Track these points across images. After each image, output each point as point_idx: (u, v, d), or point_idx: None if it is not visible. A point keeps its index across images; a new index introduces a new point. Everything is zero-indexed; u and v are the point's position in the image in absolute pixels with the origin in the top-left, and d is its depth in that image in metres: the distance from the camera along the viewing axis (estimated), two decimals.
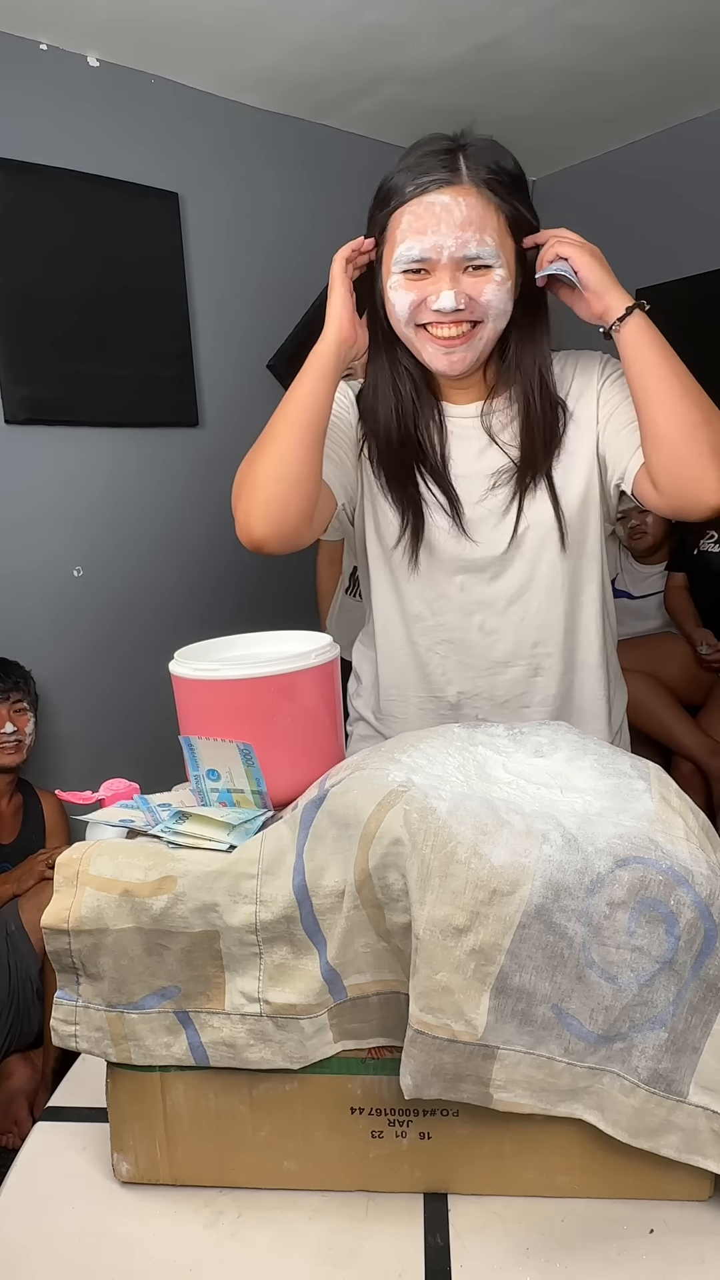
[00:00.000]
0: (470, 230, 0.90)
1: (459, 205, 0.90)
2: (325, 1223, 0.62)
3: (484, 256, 0.91)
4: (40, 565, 2.41)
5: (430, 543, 1.06)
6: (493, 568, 1.06)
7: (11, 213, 2.22)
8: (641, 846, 0.57)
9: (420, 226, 0.91)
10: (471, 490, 1.04)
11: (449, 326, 0.94)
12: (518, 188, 0.94)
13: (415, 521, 1.04)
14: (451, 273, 0.92)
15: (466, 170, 0.91)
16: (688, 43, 2.39)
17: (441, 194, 0.90)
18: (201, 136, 2.56)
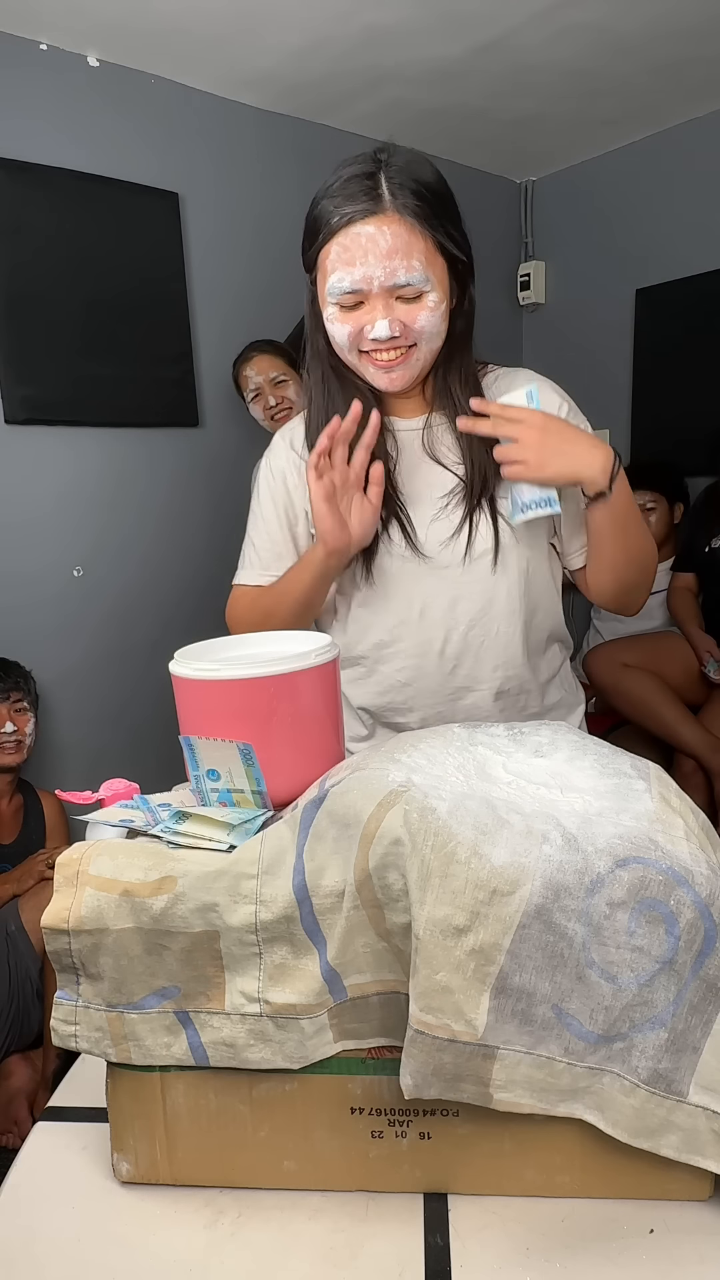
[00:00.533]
0: (397, 258, 0.91)
1: (384, 235, 0.91)
2: (325, 1223, 0.62)
3: (414, 283, 0.92)
4: (40, 565, 2.41)
5: (382, 565, 1.06)
6: (449, 591, 1.06)
7: (11, 213, 2.22)
8: (641, 846, 0.57)
9: (349, 258, 0.92)
10: (423, 510, 1.05)
11: (386, 352, 0.97)
12: (443, 207, 0.94)
13: None
14: (385, 301, 0.94)
15: (389, 196, 0.91)
16: (688, 43, 2.39)
17: (366, 224, 0.91)
18: (201, 136, 2.56)
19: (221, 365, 2.68)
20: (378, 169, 0.92)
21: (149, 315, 2.49)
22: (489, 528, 1.04)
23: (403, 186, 0.91)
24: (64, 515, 2.44)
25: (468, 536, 1.04)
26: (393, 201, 0.91)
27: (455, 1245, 0.59)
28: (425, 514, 1.05)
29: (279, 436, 1.16)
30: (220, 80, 2.51)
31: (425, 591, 1.06)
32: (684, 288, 3.02)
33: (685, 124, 2.94)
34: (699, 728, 2.39)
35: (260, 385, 2.33)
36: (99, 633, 2.53)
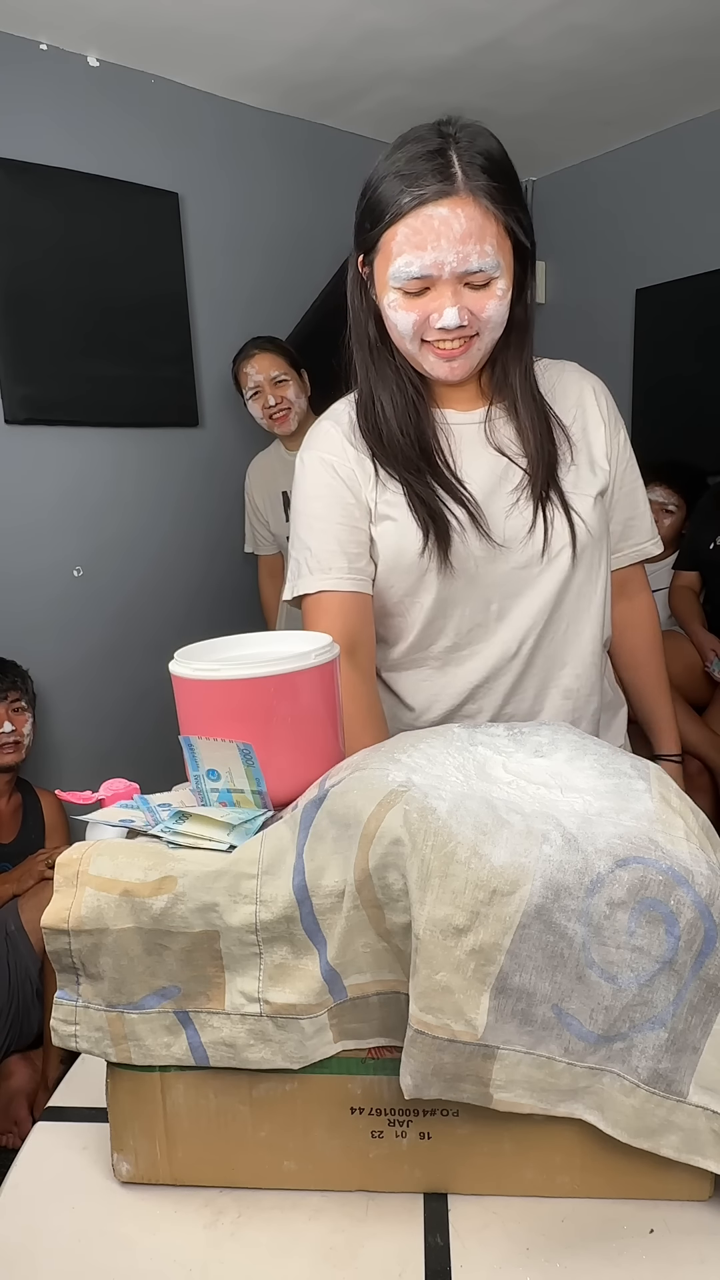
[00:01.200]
0: (471, 243, 0.86)
1: (458, 218, 0.85)
2: (325, 1223, 0.62)
3: (486, 269, 0.88)
4: (40, 565, 2.41)
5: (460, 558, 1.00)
6: (527, 589, 1.02)
7: (11, 213, 2.22)
8: (641, 846, 0.57)
9: (419, 241, 0.87)
10: (496, 503, 1.00)
11: (450, 341, 0.92)
12: (513, 187, 0.90)
13: (439, 530, 0.98)
14: (453, 287, 0.89)
15: (462, 175, 0.86)
16: (688, 43, 2.39)
17: (439, 206, 0.85)
18: (201, 136, 2.56)
19: (221, 365, 2.69)
20: (447, 144, 0.86)
21: (149, 315, 2.49)
22: (564, 522, 1.00)
23: (473, 164, 0.86)
24: (64, 515, 2.44)
25: (544, 530, 1.00)
26: (466, 181, 0.85)
27: (455, 1245, 0.59)
28: (499, 507, 1.00)
29: (326, 423, 1.06)
30: (220, 80, 2.51)
31: (503, 588, 1.02)
32: (684, 288, 3.02)
33: (685, 124, 2.94)
34: (703, 727, 2.39)
35: (260, 384, 2.32)
36: (99, 633, 2.54)
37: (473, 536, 0.99)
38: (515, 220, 0.90)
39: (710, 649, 2.51)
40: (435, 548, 0.99)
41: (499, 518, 1.00)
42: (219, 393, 2.70)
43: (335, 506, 1.02)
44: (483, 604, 1.03)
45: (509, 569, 1.01)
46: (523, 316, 0.97)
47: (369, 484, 1.02)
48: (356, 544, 1.02)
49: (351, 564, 1.02)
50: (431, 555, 0.99)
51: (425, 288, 0.90)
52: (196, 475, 2.68)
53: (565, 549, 1.01)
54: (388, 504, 1.01)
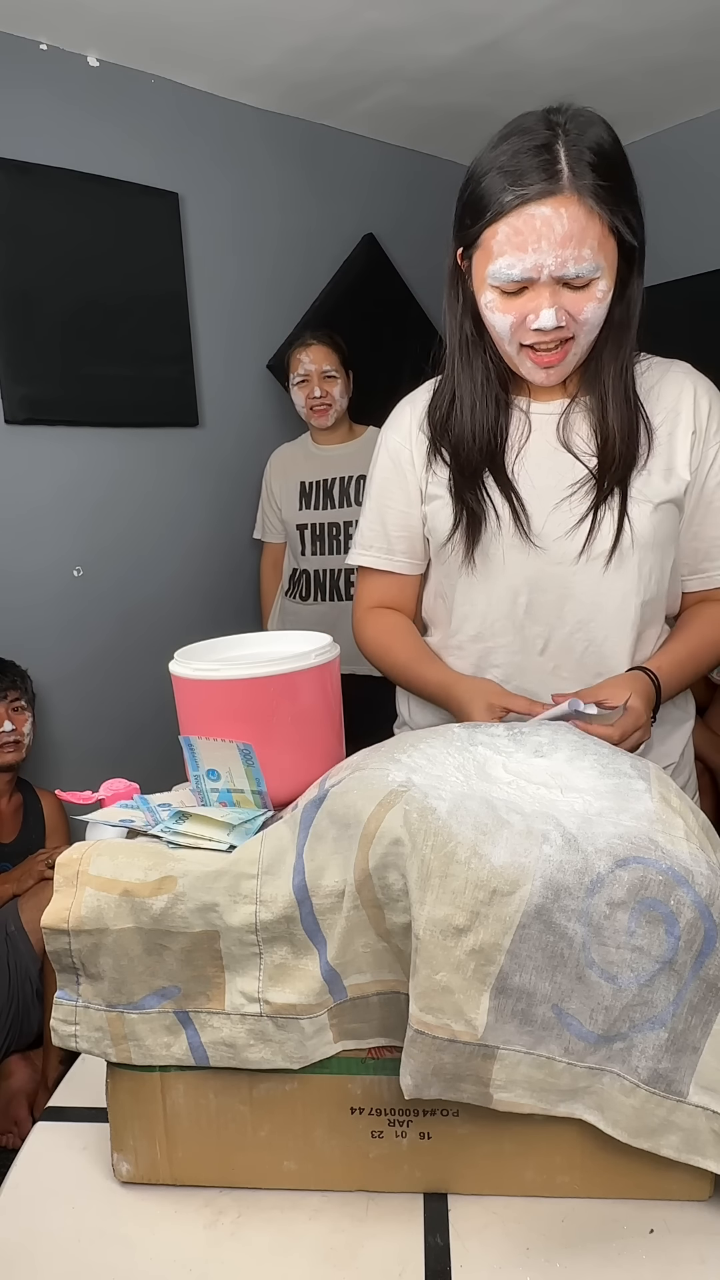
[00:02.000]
0: (570, 247, 0.84)
1: (560, 218, 0.83)
2: (325, 1223, 0.62)
3: (584, 274, 0.85)
4: (40, 565, 2.41)
5: (487, 550, 1.01)
6: (559, 588, 1.00)
7: (11, 213, 2.22)
8: (641, 846, 0.57)
9: (520, 242, 0.85)
10: (545, 498, 0.99)
11: (548, 345, 0.91)
12: (624, 184, 0.86)
13: (470, 522, 1.00)
14: (552, 289, 0.87)
15: (569, 173, 0.82)
16: (688, 43, 2.39)
17: (542, 205, 0.83)
18: (201, 136, 2.56)
19: (222, 365, 2.69)
20: (554, 138, 0.83)
21: (149, 315, 2.49)
22: (613, 525, 0.97)
23: (581, 160, 0.82)
24: (64, 515, 2.44)
25: (589, 530, 0.97)
26: (572, 180, 0.82)
27: (455, 1245, 0.59)
28: (547, 502, 0.99)
29: (405, 407, 1.09)
30: (220, 80, 2.51)
31: (532, 584, 1.01)
32: (684, 288, 3.02)
33: (684, 124, 2.94)
34: (703, 728, 2.39)
35: (310, 373, 2.34)
36: (99, 633, 2.54)
37: (509, 530, 1.00)
38: (623, 219, 0.86)
39: None
40: (463, 537, 1.01)
41: (544, 513, 0.99)
42: (219, 393, 2.70)
43: (388, 489, 1.09)
44: (510, 596, 1.02)
45: (543, 565, 1.00)
46: (624, 315, 0.94)
47: (422, 465, 1.06)
48: (402, 526, 1.09)
49: (391, 546, 1.10)
50: (458, 543, 1.02)
51: (523, 288, 0.88)
52: (196, 475, 2.68)
53: (604, 553, 0.98)
54: (438, 483, 1.04)
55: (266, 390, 2.77)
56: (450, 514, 1.02)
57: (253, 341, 2.73)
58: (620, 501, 0.97)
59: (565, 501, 0.99)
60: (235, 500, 2.73)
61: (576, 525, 0.98)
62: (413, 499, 1.08)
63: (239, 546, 2.75)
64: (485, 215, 0.86)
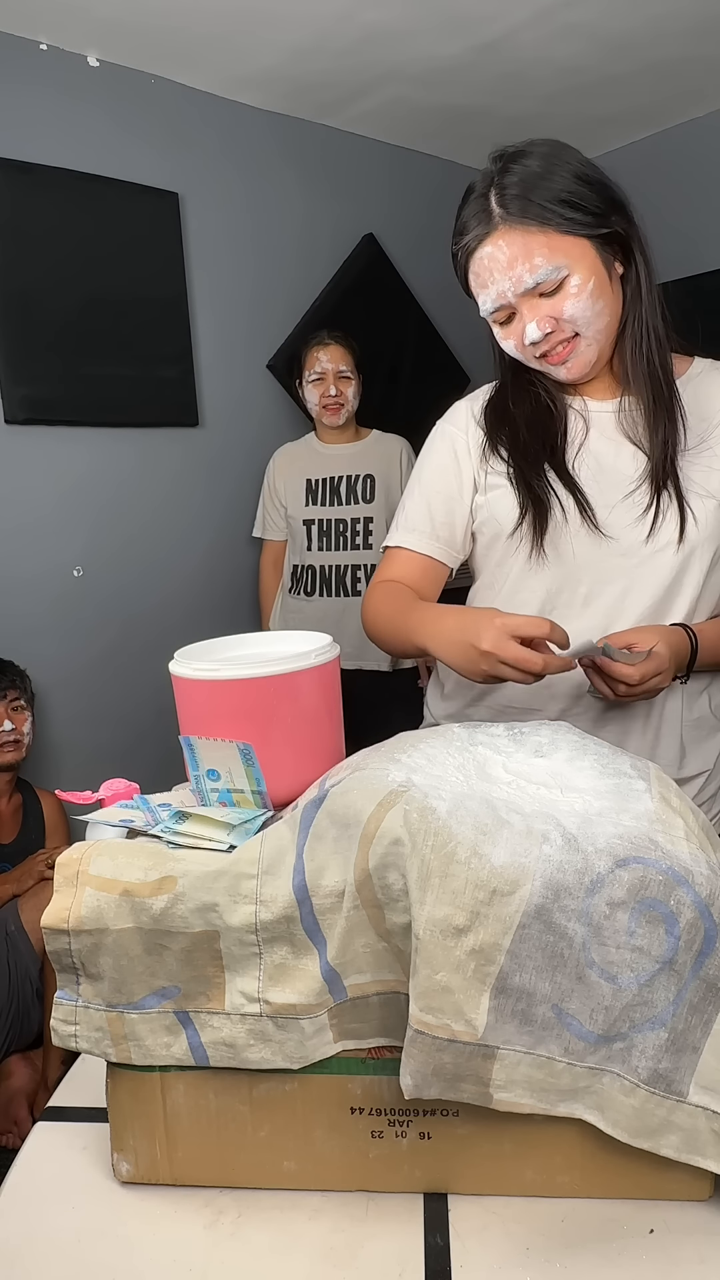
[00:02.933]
0: (518, 265, 0.92)
1: (501, 250, 0.92)
2: (325, 1223, 0.62)
3: (541, 279, 0.92)
4: (40, 565, 2.41)
5: (555, 541, 1.02)
6: (623, 579, 1.01)
7: (11, 213, 2.22)
8: (641, 846, 0.57)
9: (481, 282, 0.96)
10: (611, 492, 1.01)
11: (554, 349, 0.97)
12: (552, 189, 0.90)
13: (538, 511, 1.01)
14: (529, 304, 0.94)
15: (499, 210, 0.91)
16: (688, 43, 2.39)
17: (484, 247, 0.93)
18: (201, 136, 2.56)
19: (222, 365, 2.69)
20: (489, 187, 0.92)
21: (149, 315, 2.49)
22: (676, 517, 0.99)
23: (509, 195, 0.90)
24: (64, 515, 2.44)
25: (652, 521, 0.99)
26: (502, 215, 0.91)
27: (455, 1245, 0.59)
28: (612, 495, 1.01)
29: (465, 401, 1.13)
30: (220, 80, 2.51)
31: (596, 575, 1.02)
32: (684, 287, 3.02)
33: (685, 124, 2.94)
34: None
35: (327, 371, 2.37)
36: (99, 633, 2.54)
37: (575, 522, 1.01)
38: (567, 220, 0.91)
39: None
40: (531, 527, 1.02)
41: (610, 505, 1.01)
42: (219, 393, 2.70)
43: (439, 476, 1.10)
44: (572, 585, 1.03)
45: (607, 555, 1.01)
46: (632, 295, 0.98)
47: (477, 456, 1.08)
48: (446, 513, 1.10)
49: (435, 530, 1.10)
50: (525, 533, 1.03)
51: (509, 315, 0.97)
52: (196, 475, 2.68)
53: (670, 545, 0.99)
54: (497, 474, 1.06)
55: (266, 390, 2.78)
56: (514, 503, 1.03)
57: (253, 341, 2.74)
58: (678, 493, 0.99)
59: (630, 494, 1.00)
60: (235, 500, 2.73)
61: (641, 516, 1.00)
62: (466, 487, 1.09)
63: (239, 546, 2.75)
64: (458, 271, 0.99)
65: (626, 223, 0.95)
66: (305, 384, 2.43)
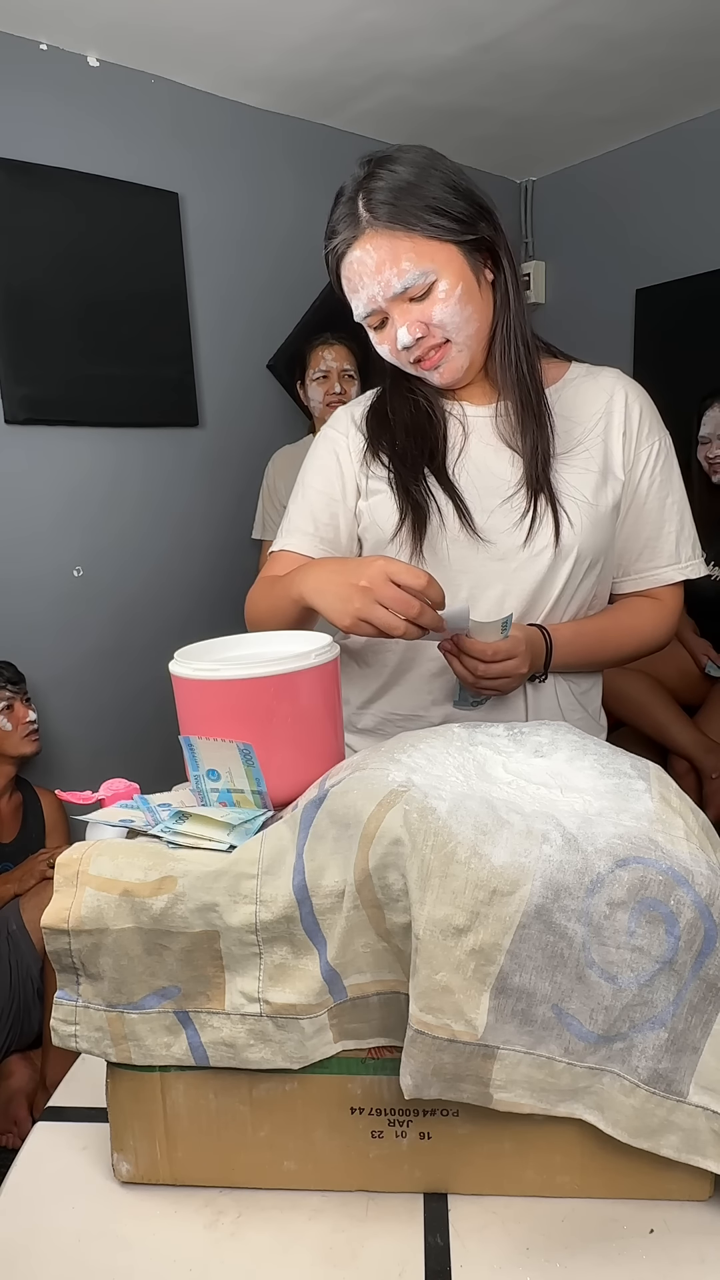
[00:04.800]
0: (386, 270, 0.92)
1: (369, 254, 0.92)
2: (325, 1223, 0.62)
3: (409, 285, 0.92)
4: (40, 565, 2.41)
5: (435, 546, 1.02)
6: (500, 583, 1.02)
7: (11, 213, 2.22)
8: (641, 846, 0.57)
9: (353, 286, 0.96)
10: (490, 498, 1.02)
11: (426, 354, 0.97)
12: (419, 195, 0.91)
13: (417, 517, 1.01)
14: (399, 309, 0.95)
15: (366, 214, 0.91)
16: (688, 43, 2.39)
17: (353, 251, 0.93)
18: (201, 136, 2.56)
19: (222, 365, 2.69)
20: (357, 192, 0.92)
21: (149, 315, 2.49)
22: (551, 521, 1.00)
23: (376, 200, 0.91)
24: (64, 515, 2.44)
25: (529, 526, 1.00)
26: (369, 219, 0.91)
27: (455, 1245, 0.59)
28: (490, 500, 1.01)
29: (348, 407, 1.14)
30: (220, 80, 2.51)
31: (476, 579, 1.02)
32: (684, 288, 3.02)
33: (685, 124, 2.94)
34: (693, 729, 2.39)
35: (331, 370, 2.38)
36: (99, 632, 2.54)
37: (454, 525, 1.01)
38: (433, 225, 0.91)
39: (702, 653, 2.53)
40: (410, 532, 1.02)
41: (488, 510, 1.01)
42: (219, 393, 2.70)
43: (320, 478, 1.10)
44: (452, 589, 1.03)
45: (485, 559, 1.02)
46: (501, 301, 0.99)
47: (359, 462, 1.08)
48: (329, 514, 1.10)
49: (318, 531, 1.10)
50: (405, 539, 1.02)
51: (382, 319, 0.98)
52: (196, 475, 2.68)
53: (547, 549, 1.00)
54: (378, 480, 1.06)
55: (266, 390, 2.78)
56: (394, 508, 1.03)
57: (253, 341, 2.74)
58: (551, 497, 1.00)
59: (508, 499, 1.01)
60: (235, 500, 2.73)
61: (519, 521, 1.00)
62: (349, 491, 1.09)
63: (239, 546, 2.75)
64: (331, 274, 0.99)
65: (493, 230, 0.96)
66: (308, 382, 2.44)
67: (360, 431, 1.09)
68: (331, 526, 1.10)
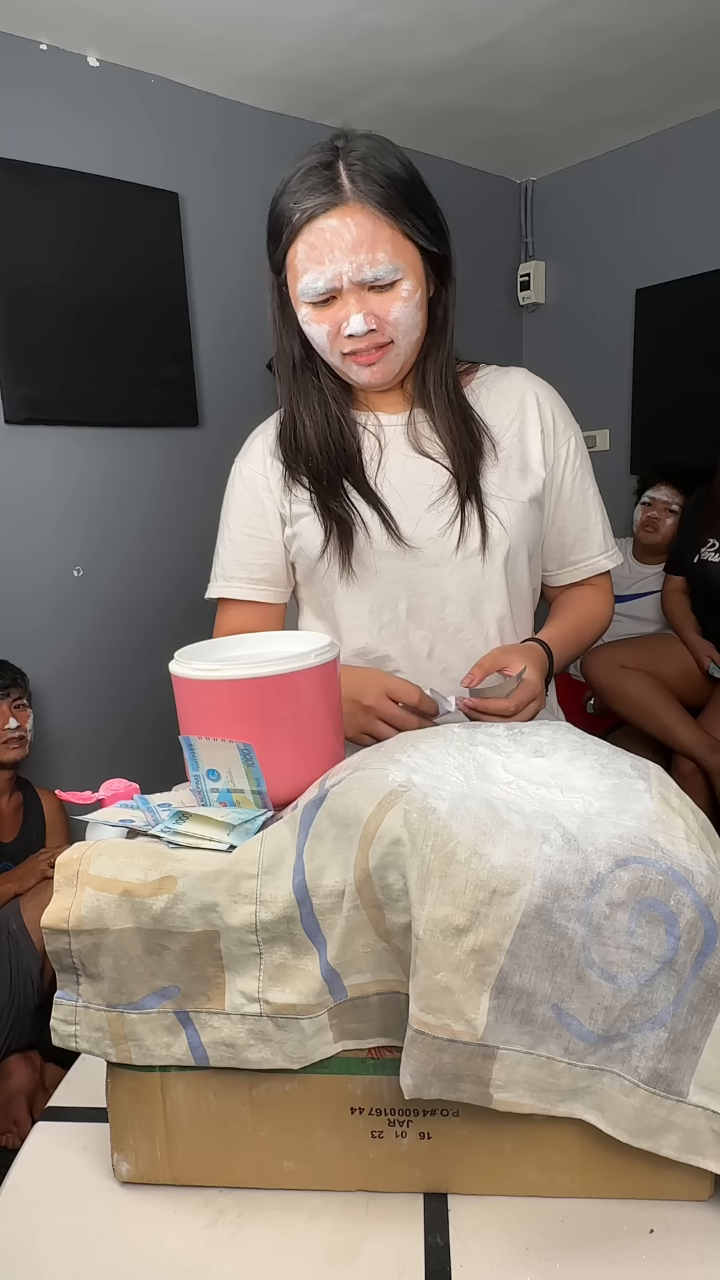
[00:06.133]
0: (363, 251, 0.88)
1: (348, 227, 0.88)
2: (325, 1223, 0.62)
3: (383, 275, 0.90)
4: (40, 565, 2.41)
5: (363, 560, 1.02)
6: (437, 589, 1.03)
7: (11, 213, 2.22)
8: (641, 846, 0.57)
9: (317, 256, 0.90)
10: (413, 505, 1.02)
11: (366, 350, 0.95)
12: (408, 193, 0.90)
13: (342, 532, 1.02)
14: (357, 294, 0.91)
15: (350, 184, 0.87)
16: (688, 43, 2.39)
17: (329, 217, 0.88)
18: (201, 136, 2.56)
19: (222, 365, 2.69)
20: (335, 158, 0.88)
21: (149, 315, 2.49)
22: (478, 523, 1.01)
23: (363, 174, 0.87)
24: (64, 515, 2.44)
25: (459, 530, 1.01)
26: (354, 190, 0.87)
27: (455, 1245, 0.59)
28: (416, 508, 1.02)
29: (256, 437, 1.12)
30: (220, 80, 2.51)
31: (411, 588, 1.03)
32: (684, 288, 3.02)
33: (685, 124, 2.94)
34: (696, 729, 2.39)
35: None
36: (99, 632, 2.54)
37: (380, 537, 1.01)
38: (412, 224, 0.90)
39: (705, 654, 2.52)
40: (337, 549, 1.02)
41: (415, 518, 1.02)
42: (219, 393, 2.70)
43: (243, 518, 1.10)
44: (391, 602, 1.03)
45: (417, 567, 1.02)
46: (441, 320, 1.00)
47: (279, 490, 1.07)
48: (259, 554, 1.10)
49: (250, 575, 1.11)
50: (333, 556, 1.03)
51: (332, 297, 0.93)
52: (196, 475, 2.69)
53: (477, 550, 1.01)
54: (301, 503, 1.05)
55: (266, 390, 2.77)
56: (319, 528, 1.03)
57: (253, 341, 2.73)
58: (479, 500, 1.01)
59: (433, 505, 1.01)
60: None
61: (448, 526, 1.01)
62: (273, 525, 1.08)
63: None
64: (283, 237, 0.92)
65: (448, 249, 0.96)
66: None
67: (276, 458, 1.07)
68: (264, 567, 1.10)
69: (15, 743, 2.09)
